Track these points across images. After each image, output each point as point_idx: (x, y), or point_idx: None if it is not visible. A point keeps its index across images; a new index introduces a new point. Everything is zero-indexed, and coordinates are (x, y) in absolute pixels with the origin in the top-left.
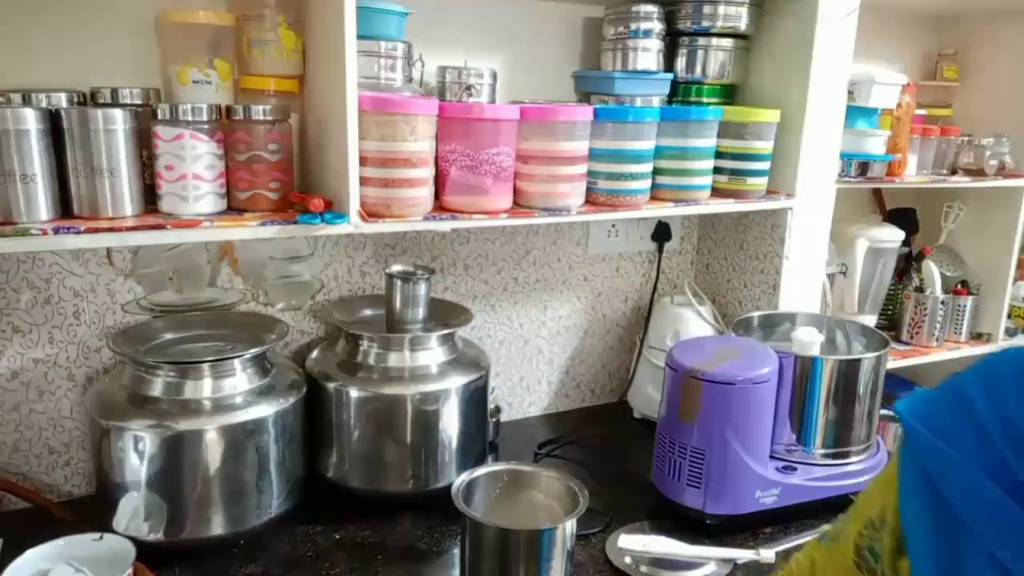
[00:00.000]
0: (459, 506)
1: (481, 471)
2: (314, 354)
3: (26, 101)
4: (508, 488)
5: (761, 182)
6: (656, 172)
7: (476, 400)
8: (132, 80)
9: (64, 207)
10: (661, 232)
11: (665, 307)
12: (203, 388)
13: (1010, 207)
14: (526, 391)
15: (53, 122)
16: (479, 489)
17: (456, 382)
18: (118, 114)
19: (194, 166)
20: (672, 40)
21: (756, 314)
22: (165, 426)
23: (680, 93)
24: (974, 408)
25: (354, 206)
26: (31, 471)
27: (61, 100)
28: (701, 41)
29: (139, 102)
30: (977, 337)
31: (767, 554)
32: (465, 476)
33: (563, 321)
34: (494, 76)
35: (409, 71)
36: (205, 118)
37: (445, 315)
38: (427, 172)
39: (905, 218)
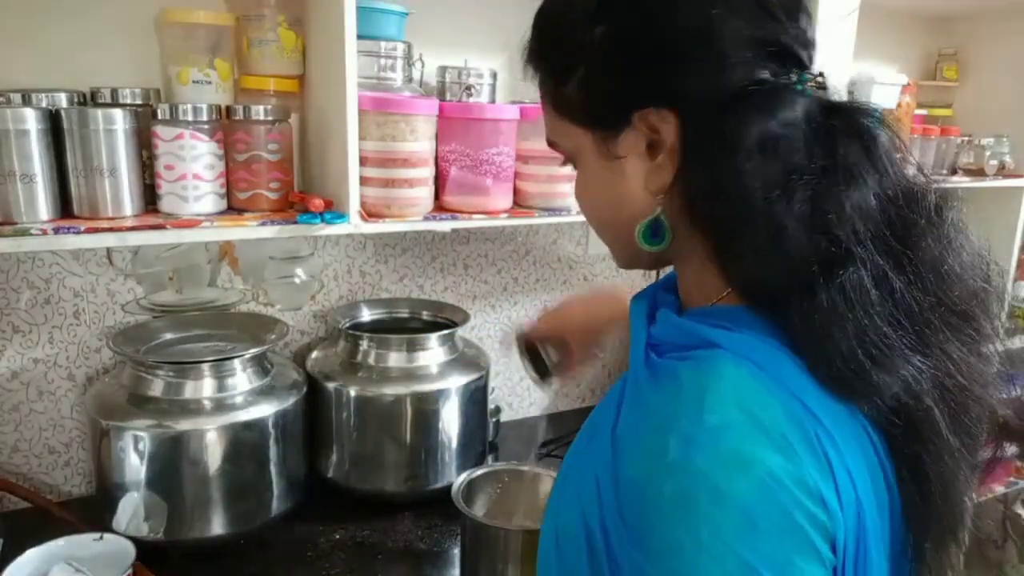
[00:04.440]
0: (460, 506)
1: (481, 471)
2: (314, 354)
3: (26, 101)
4: (508, 488)
5: None
6: None
7: (476, 400)
8: (132, 80)
9: (64, 207)
10: None
11: None
12: (203, 388)
13: (1010, 207)
14: (526, 391)
15: (53, 122)
16: (479, 489)
17: (456, 382)
18: (118, 114)
19: (194, 166)
20: None
21: None
22: (165, 426)
23: None
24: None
25: (354, 206)
26: (31, 471)
27: (61, 100)
28: None
29: (139, 102)
30: None
31: None
32: (465, 476)
33: None
34: (494, 76)
35: (409, 71)
36: (205, 118)
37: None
38: (427, 172)
39: None
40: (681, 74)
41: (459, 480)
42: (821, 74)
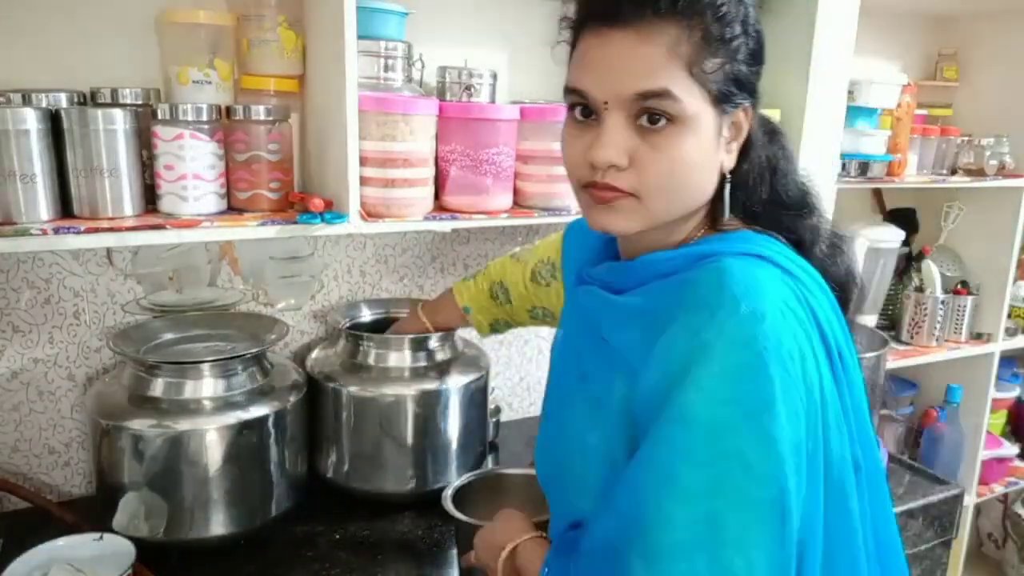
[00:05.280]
0: (448, 509)
1: (472, 476)
2: (314, 354)
3: (26, 101)
4: (500, 491)
5: None
6: None
7: (476, 400)
8: (132, 80)
9: (64, 207)
10: None
11: None
12: (203, 388)
13: (1010, 207)
14: (526, 391)
15: (53, 122)
16: (472, 494)
17: (456, 382)
18: (118, 114)
19: (194, 166)
20: None
21: None
22: (165, 426)
23: None
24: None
25: (354, 206)
26: (31, 471)
27: (61, 100)
28: None
29: (139, 102)
30: (977, 337)
31: None
32: (457, 483)
33: None
34: (494, 76)
35: (409, 71)
36: (205, 118)
37: None
38: (427, 172)
39: (905, 218)
40: (759, 77)
41: (451, 487)
42: None
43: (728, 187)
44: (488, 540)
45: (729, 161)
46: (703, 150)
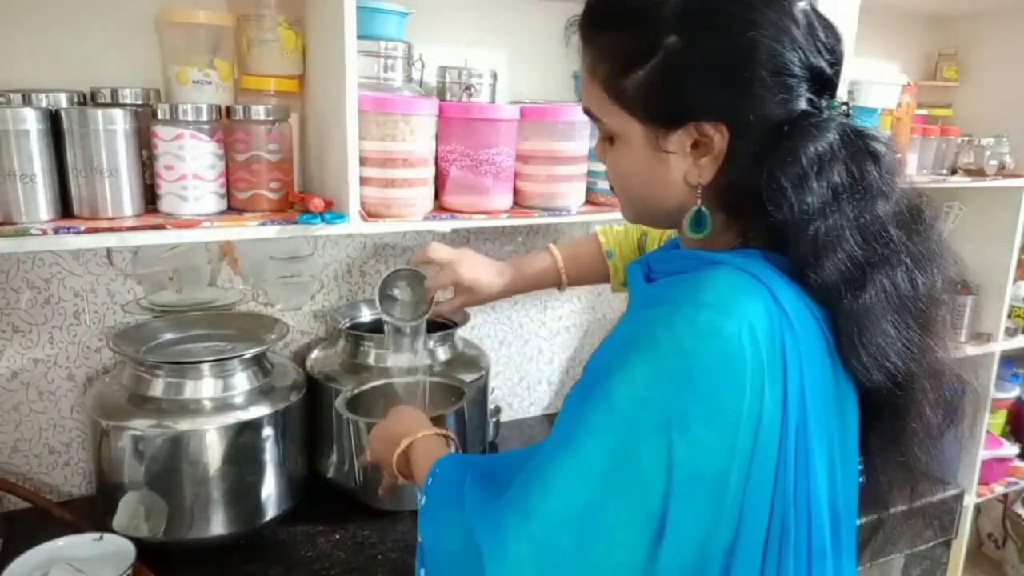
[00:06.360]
0: (342, 411)
1: (364, 387)
2: (314, 354)
3: (26, 101)
4: (392, 400)
5: None
6: None
7: (476, 400)
8: (132, 80)
9: (64, 207)
10: None
11: None
12: (203, 388)
13: (1010, 207)
14: (526, 391)
15: (53, 122)
16: (366, 400)
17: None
18: (118, 114)
19: (194, 166)
20: None
21: None
22: (165, 426)
23: None
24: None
25: (354, 206)
26: (31, 471)
27: (61, 100)
28: None
29: (139, 102)
30: (977, 337)
31: None
32: (350, 392)
33: (563, 321)
34: (494, 76)
35: (409, 71)
36: (205, 118)
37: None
38: (427, 172)
39: None
40: (745, 95)
41: (345, 393)
42: (847, 103)
43: (699, 201)
44: (383, 435)
45: (700, 175)
46: (638, 166)
